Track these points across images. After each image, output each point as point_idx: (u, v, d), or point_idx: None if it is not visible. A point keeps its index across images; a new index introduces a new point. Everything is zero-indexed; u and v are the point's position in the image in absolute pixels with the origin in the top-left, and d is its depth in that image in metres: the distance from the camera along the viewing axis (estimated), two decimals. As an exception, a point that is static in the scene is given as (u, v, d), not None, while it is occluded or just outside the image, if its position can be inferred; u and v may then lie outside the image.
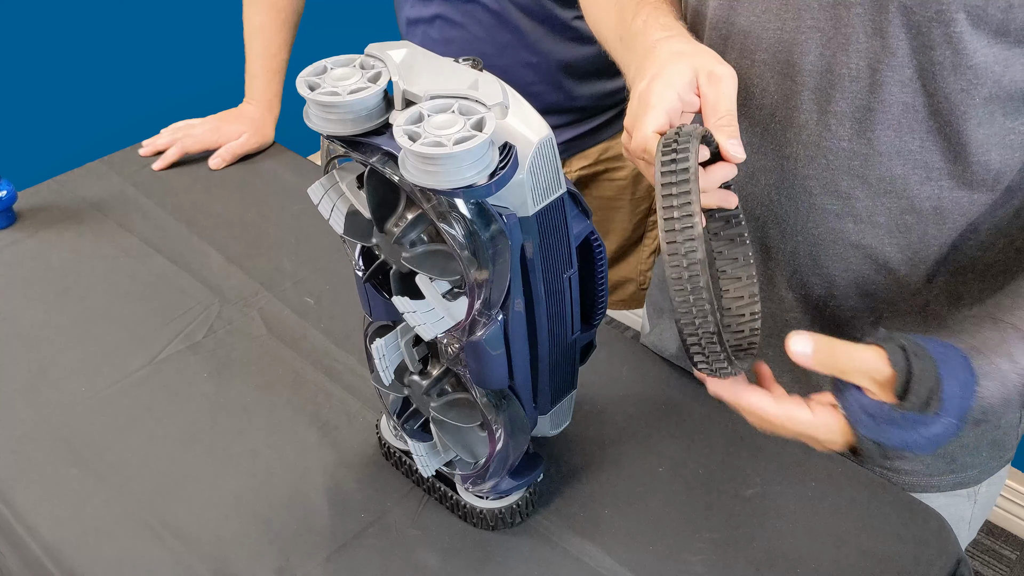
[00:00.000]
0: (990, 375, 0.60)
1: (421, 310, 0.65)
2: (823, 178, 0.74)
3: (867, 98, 0.68)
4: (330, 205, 0.69)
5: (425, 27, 1.29)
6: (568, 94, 1.31)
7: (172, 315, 1.04)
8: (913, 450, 0.59)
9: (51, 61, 1.91)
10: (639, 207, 1.51)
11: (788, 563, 0.78)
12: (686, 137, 0.56)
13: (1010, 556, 1.85)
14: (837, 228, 0.76)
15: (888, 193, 0.72)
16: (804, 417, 0.61)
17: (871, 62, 0.67)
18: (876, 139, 0.70)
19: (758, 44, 0.72)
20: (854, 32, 0.66)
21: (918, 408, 0.57)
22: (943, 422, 0.58)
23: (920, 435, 0.58)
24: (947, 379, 0.58)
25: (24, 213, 1.22)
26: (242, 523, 0.81)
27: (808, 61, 0.70)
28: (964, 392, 0.58)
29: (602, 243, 0.70)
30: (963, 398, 0.58)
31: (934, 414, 0.57)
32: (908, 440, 0.59)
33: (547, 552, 0.79)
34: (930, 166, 0.70)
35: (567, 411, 0.79)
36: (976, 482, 0.89)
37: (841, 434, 0.61)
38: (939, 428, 0.58)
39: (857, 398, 0.60)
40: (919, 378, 0.57)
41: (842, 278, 0.79)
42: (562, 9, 1.23)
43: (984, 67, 0.64)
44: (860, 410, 0.59)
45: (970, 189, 0.70)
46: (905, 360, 0.58)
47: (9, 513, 0.83)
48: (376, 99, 0.60)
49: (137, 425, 0.91)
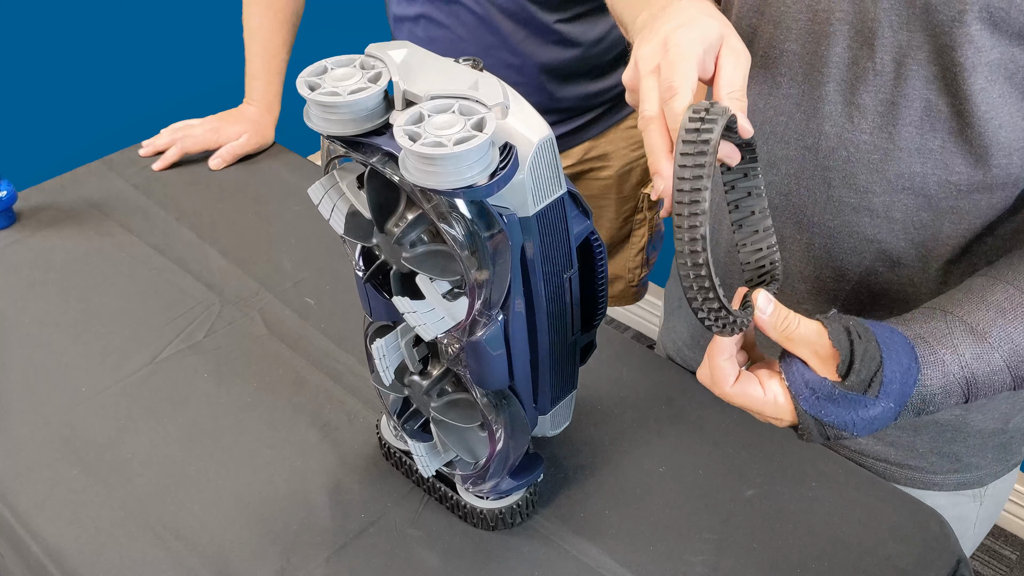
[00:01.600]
0: (932, 364, 0.60)
1: (421, 310, 0.65)
2: (843, 170, 0.74)
3: (891, 93, 0.69)
4: (330, 205, 0.69)
5: (410, 25, 1.30)
6: (551, 95, 1.32)
7: (172, 315, 1.05)
8: (850, 431, 0.60)
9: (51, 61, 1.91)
10: (625, 205, 1.51)
11: (788, 563, 0.78)
12: (714, 115, 0.56)
13: (1010, 556, 1.85)
14: (853, 222, 0.76)
15: (906, 190, 0.72)
16: (756, 395, 0.62)
17: (896, 57, 0.67)
18: (898, 135, 0.70)
19: (787, 34, 0.72)
20: (880, 27, 0.67)
21: (859, 388, 0.58)
22: (882, 405, 0.59)
23: (858, 416, 0.59)
24: (889, 363, 0.59)
25: (24, 213, 1.22)
26: (243, 523, 0.81)
27: (835, 53, 0.70)
28: (905, 378, 0.59)
29: (602, 243, 0.70)
30: (904, 384, 0.59)
31: (874, 397, 0.58)
32: (846, 419, 0.60)
33: (547, 552, 0.79)
34: (950, 166, 0.70)
35: (567, 411, 0.79)
36: (981, 484, 0.89)
37: (787, 410, 0.61)
38: (877, 411, 0.59)
39: (801, 371, 0.60)
40: (862, 359, 0.58)
41: (855, 272, 0.79)
42: (545, 12, 1.23)
43: (1005, 69, 0.64)
44: (803, 384, 0.60)
45: (989, 192, 0.70)
46: (848, 340, 0.59)
47: (10, 514, 0.83)
48: (376, 99, 0.60)
49: (137, 425, 0.91)
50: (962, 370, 0.61)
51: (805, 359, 0.61)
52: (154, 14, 2.03)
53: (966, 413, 0.83)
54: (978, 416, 0.83)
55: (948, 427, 0.84)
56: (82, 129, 1.97)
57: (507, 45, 1.25)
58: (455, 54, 0.63)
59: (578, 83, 1.32)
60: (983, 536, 0.97)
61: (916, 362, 0.60)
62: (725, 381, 0.62)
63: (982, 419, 0.83)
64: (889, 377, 0.58)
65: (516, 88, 0.61)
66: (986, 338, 0.61)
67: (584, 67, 1.30)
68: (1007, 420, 0.85)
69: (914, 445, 0.86)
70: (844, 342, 0.59)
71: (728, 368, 0.62)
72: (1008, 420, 0.85)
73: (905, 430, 0.85)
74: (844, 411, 0.60)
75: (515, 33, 1.25)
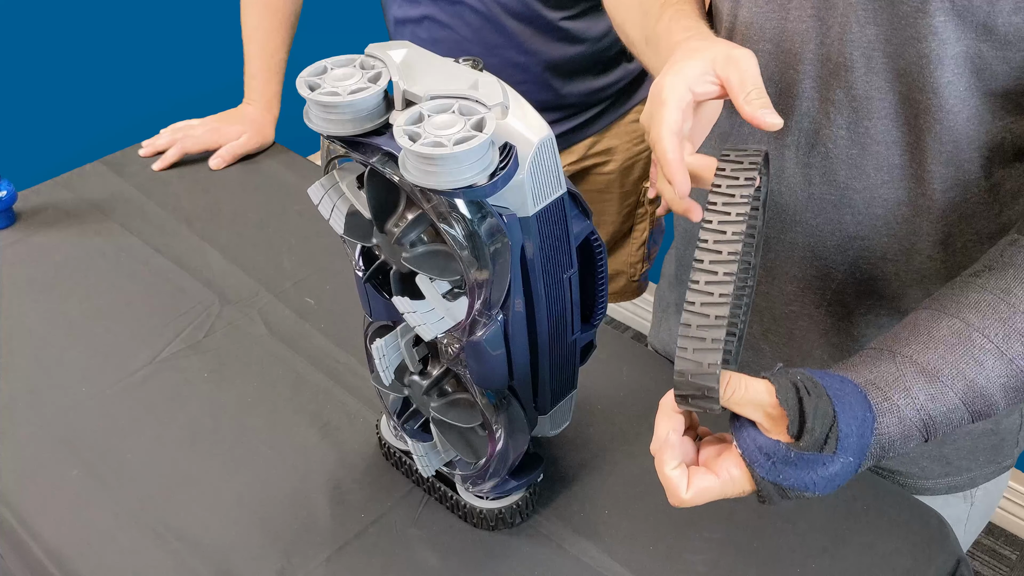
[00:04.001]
0: (887, 412, 0.58)
1: (421, 310, 0.65)
2: (822, 167, 0.74)
3: (864, 88, 0.69)
4: (330, 205, 0.69)
5: (413, 27, 1.29)
6: (556, 92, 1.32)
7: (172, 315, 1.05)
8: (811, 490, 0.57)
9: (51, 61, 1.91)
10: (627, 200, 1.51)
11: (788, 563, 0.78)
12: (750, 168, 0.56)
13: (1010, 556, 1.85)
14: (836, 219, 0.76)
15: (885, 184, 0.72)
16: (712, 486, 0.58)
17: (865, 51, 0.67)
18: (873, 128, 0.70)
19: (761, 34, 0.73)
20: (847, 21, 0.67)
21: (814, 447, 0.55)
22: (841, 461, 0.56)
23: (818, 475, 0.56)
24: (843, 417, 0.56)
25: (24, 213, 1.22)
26: (243, 524, 0.81)
27: (809, 50, 0.70)
28: (862, 430, 0.56)
29: (602, 243, 0.70)
30: (861, 436, 0.56)
31: (831, 453, 0.55)
32: (806, 480, 0.56)
33: (547, 552, 0.79)
34: (923, 162, 0.70)
35: (567, 411, 0.79)
36: (972, 485, 0.88)
37: (744, 480, 0.58)
38: (837, 467, 0.56)
39: (753, 437, 0.57)
40: (814, 416, 0.55)
41: (840, 270, 0.79)
42: (550, 10, 1.23)
43: (971, 63, 0.64)
44: (756, 450, 0.57)
45: (963, 187, 0.70)
46: (797, 398, 0.56)
47: (10, 515, 0.83)
48: (376, 99, 0.60)
49: (138, 426, 0.91)
50: (918, 413, 0.58)
51: (757, 421, 0.57)
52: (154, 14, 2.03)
53: None
54: None
55: None
56: (82, 129, 1.97)
57: (512, 44, 1.25)
58: (459, 55, 0.63)
59: (583, 79, 1.33)
60: (975, 535, 0.97)
61: (871, 411, 0.57)
62: (680, 490, 0.58)
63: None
64: (845, 431, 0.55)
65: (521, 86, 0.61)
66: (938, 377, 0.58)
67: (589, 63, 1.30)
68: (998, 422, 0.84)
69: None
70: (792, 401, 0.55)
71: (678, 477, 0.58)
72: (999, 422, 0.85)
73: None
74: (802, 472, 0.56)
75: (520, 31, 1.25)
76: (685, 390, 0.55)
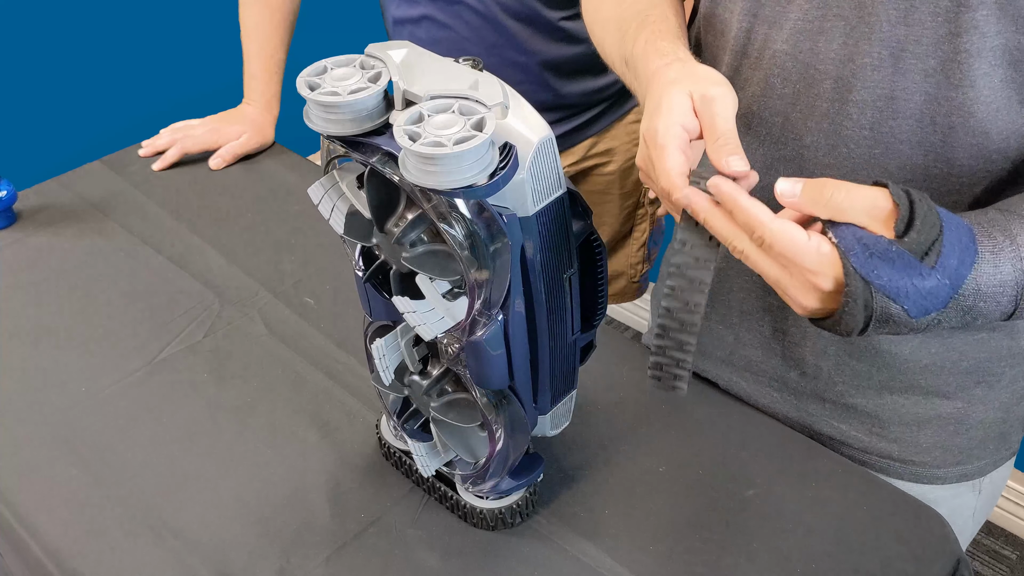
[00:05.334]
0: (989, 249, 0.58)
1: (421, 310, 0.65)
2: (842, 167, 0.74)
3: (889, 87, 0.68)
4: (330, 205, 0.69)
5: (412, 27, 1.29)
6: (556, 92, 1.32)
7: (172, 315, 1.05)
8: (902, 301, 0.56)
9: (51, 61, 1.91)
10: (628, 200, 1.51)
11: (788, 563, 0.78)
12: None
13: (1010, 556, 1.85)
14: None
15: (907, 183, 0.72)
16: (800, 238, 0.56)
17: (894, 51, 0.67)
18: (897, 128, 0.70)
19: (780, 34, 0.72)
20: (878, 20, 0.66)
21: (917, 251, 0.55)
22: (937, 279, 0.55)
23: (912, 284, 0.55)
24: (948, 235, 0.55)
25: (24, 213, 1.22)
26: (242, 523, 0.81)
27: (831, 50, 0.70)
28: (962, 257, 0.56)
29: (602, 243, 0.70)
30: (960, 263, 0.56)
31: (931, 266, 0.55)
32: (899, 285, 0.55)
33: (547, 552, 0.79)
34: (952, 160, 0.69)
35: (567, 411, 0.79)
36: (981, 474, 0.89)
37: (831, 264, 0.56)
38: (932, 283, 0.55)
39: (853, 229, 0.56)
40: (923, 219, 0.54)
41: None
42: (549, 10, 1.23)
43: (1010, 55, 0.64)
44: (855, 240, 0.56)
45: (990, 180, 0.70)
46: (908, 199, 0.55)
47: (10, 514, 0.83)
48: (376, 99, 0.60)
49: (137, 425, 0.91)
50: (1021, 261, 0.58)
51: (858, 223, 0.56)
52: (154, 14, 2.03)
53: (968, 406, 0.83)
54: (980, 408, 0.84)
55: (951, 420, 0.84)
56: (82, 129, 1.97)
57: (512, 44, 1.25)
58: (459, 54, 0.63)
59: (582, 79, 1.33)
60: (979, 526, 0.97)
61: (974, 243, 0.57)
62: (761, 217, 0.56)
63: (984, 410, 0.84)
64: (947, 250, 0.55)
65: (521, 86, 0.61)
66: None
67: (588, 63, 1.30)
68: (1008, 409, 0.85)
69: (917, 441, 0.86)
70: (904, 200, 0.55)
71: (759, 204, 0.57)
72: (1008, 409, 0.85)
73: (908, 426, 0.85)
74: (897, 274, 0.55)
75: (519, 31, 1.25)
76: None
